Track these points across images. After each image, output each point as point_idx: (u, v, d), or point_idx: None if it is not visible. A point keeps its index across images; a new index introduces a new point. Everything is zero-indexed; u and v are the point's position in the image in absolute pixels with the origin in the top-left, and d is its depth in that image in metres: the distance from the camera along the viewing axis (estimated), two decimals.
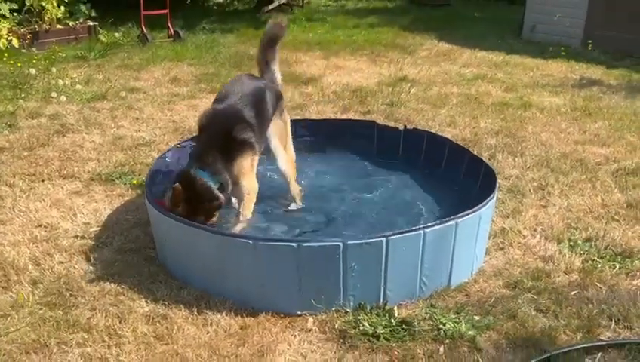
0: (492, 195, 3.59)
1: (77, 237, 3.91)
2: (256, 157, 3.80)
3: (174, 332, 3.04)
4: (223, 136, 3.66)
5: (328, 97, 6.95)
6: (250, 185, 3.71)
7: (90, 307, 3.21)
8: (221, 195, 3.58)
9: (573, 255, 3.77)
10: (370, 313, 3.17)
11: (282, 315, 3.17)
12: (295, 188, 4.20)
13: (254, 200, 3.74)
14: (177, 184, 3.46)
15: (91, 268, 3.57)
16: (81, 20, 9.42)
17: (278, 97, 4.19)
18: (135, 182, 4.64)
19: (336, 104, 6.70)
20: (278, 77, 4.32)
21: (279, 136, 4.13)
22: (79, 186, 4.61)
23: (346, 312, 3.17)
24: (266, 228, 3.84)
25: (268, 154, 4.11)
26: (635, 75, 8.24)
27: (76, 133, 5.62)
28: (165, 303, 3.24)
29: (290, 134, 4.32)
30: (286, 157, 4.16)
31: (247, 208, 3.71)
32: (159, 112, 6.29)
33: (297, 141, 4.99)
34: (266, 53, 4.27)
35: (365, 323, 3.08)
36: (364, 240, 3.15)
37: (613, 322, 3.16)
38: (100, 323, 3.09)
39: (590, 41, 9.62)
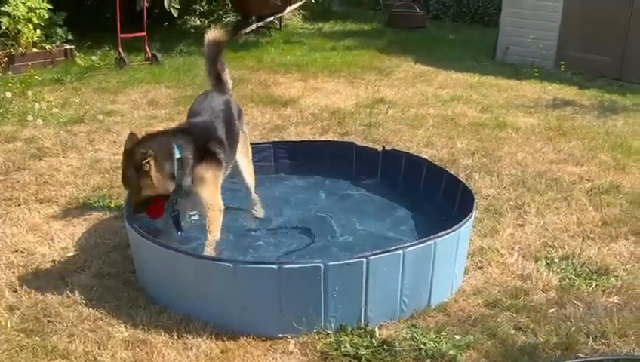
0: (470, 215, 3.64)
1: (54, 262, 3.86)
2: (221, 175, 3.79)
3: (154, 357, 3.00)
4: (199, 143, 3.68)
5: (307, 119, 6.99)
6: (211, 199, 3.66)
7: (69, 333, 3.16)
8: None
9: (551, 273, 3.82)
10: (352, 334, 3.17)
11: (263, 338, 3.15)
12: (256, 197, 4.35)
13: (221, 219, 3.69)
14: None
15: (69, 293, 3.51)
16: (57, 44, 9.36)
17: (240, 110, 4.29)
18: (113, 205, 4.60)
19: (315, 125, 6.74)
20: (230, 87, 4.30)
21: (243, 147, 4.23)
22: (56, 210, 4.56)
23: (328, 334, 3.17)
24: (246, 250, 3.82)
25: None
26: (606, 95, 8.45)
27: (53, 157, 5.57)
28: (145, 328, 3.21)
29: (249, 146, 4.42)
30: (249, 168, 4.31)
31: (214, 227, 3.63)
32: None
33: (277, 163, 5.06)
34: (216, 64, 4.20)
35: (347, 345, 3.08)
36: (344, 261, 3.16)
37: (590, 339, 3.20)
38: (79, 349, 3.04)
39: (563, 63, 9.84)
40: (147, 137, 3.67)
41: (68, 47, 9.48)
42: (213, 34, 4.18)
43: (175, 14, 10.55)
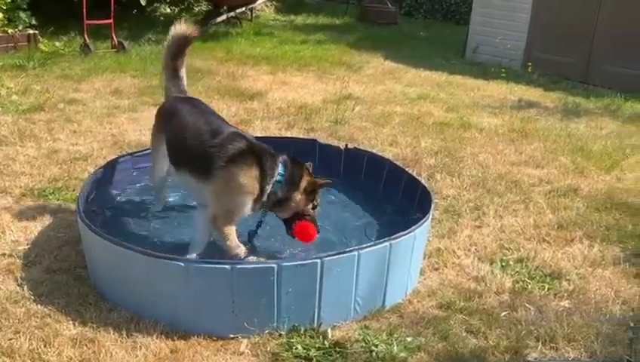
0: (426, 217, 3.65)
1: (4, 255, 3.77)
2: None
3: (102, 356, 2.95)
4: None
5: (273, 113, 6.95)
6: None
7: (14, 330, 3.09)
8: None
9: (505, 275, 3.86)
10: (304, 335, 3.16)
11: (215, 338, 3.12)
12: None
13: None
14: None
15: (17, 288, 3.44)
16: (20, 28, 9.10)
17: None
18: (68, 197, 4.51)
19: (281, 120, 6.70)
20: (185, 83, 4.17)
21: None
22: (10, 202, 4.46)
23: (280, 334, 3.15)
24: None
25: None
26: (570, 98, 8.56)
27: (9, 146, 5.43)
28: (94, 326, 3.15)
29: None
30: None
31: None
32: (98, 125, 6.15)
33: None
34: (177, 58, 4.08)
35: (298, 346, 3.08)
36: (298, 262, 3.15)
37: (540, 343, 3.24)
38: (24, 346, 2.98)
39: (530, 64, 9.95)
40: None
41: (31, 32, 9.22)
42: (181, 27, 4.07)
43: (143, 2, 10.36)
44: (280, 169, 3.56)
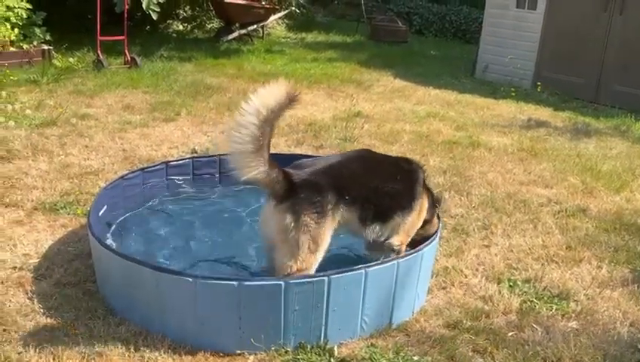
0: (434, 236, 3.66)
1: (15, 268, 3.80)
2: None
3: None
4: None
5: (282, 130, 6.98)
6: None
7: (24, 343, 3.12)
8: None
9: (512, 295, 3.85)
10: (311, 352, 3.17)
11: (221, 354, 3.13)
12: None
13: None
14: None
15: (28, 301, 3.47)
16: (35, 44, 9.27)
17: None
18: (79, 212, 4.56)
19: (290, 137, 6.75)
20: None
21: None
22: (21, 215, 4.50)
23: (286, 351, 3.16)
24: (210, 264, 3.80)
25: None
26: (580, 118, 8.56)
27: (22, 160, 5.50)
28: (102, 340, 3.17)
29: None
30: None
31: None
32: (110, 140, 6.21)
33: None
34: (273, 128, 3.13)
35: None
36: (305, 280, 3.16)
37: None
38: (32, 360, 3.00)
39: (539, 83, 9.98)
40: None
41: (46, 47, 9.39)
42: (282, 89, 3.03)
43: (154, 17, 10.48)
44: None
